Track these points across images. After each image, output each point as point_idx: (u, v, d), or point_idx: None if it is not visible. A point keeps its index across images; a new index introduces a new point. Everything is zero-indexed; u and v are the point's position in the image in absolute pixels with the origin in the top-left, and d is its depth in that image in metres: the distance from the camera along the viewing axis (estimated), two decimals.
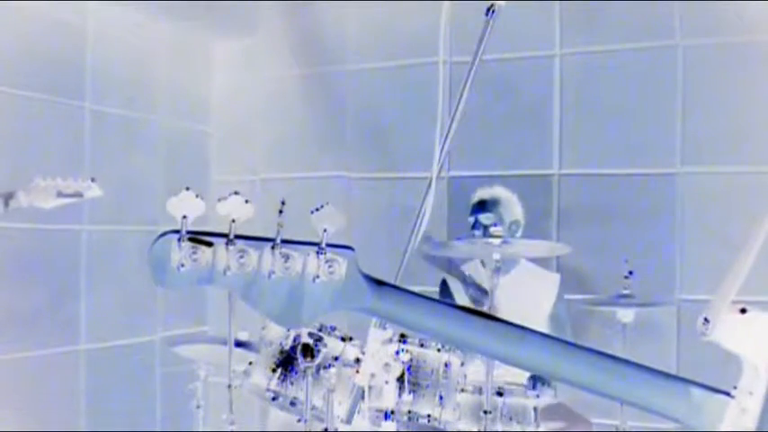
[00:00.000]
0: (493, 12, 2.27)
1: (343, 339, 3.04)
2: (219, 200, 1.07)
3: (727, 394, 1.13)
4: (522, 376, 3.66)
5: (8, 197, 3.19)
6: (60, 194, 3.21)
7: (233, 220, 1.06)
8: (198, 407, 3.79)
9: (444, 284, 4.08)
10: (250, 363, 3.20)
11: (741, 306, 1.12)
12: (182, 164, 4.95)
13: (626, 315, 3.57)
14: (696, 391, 1.13)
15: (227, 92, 5.37)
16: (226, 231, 1.06)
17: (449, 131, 2.24)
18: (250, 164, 5.17)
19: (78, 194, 3.25)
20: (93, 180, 3.29)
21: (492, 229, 3.35)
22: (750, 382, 1.12)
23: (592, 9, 4.37)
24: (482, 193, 3.99)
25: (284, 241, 1.06)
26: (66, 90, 4.36)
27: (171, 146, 4.94)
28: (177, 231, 1.04)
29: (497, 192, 3.98)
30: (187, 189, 1.06)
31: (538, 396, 3.22)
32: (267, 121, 5.23)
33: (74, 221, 4.34)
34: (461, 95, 2.24)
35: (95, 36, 4.49)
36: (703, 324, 1.12)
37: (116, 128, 4.61)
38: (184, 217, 1.04)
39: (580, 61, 4.51)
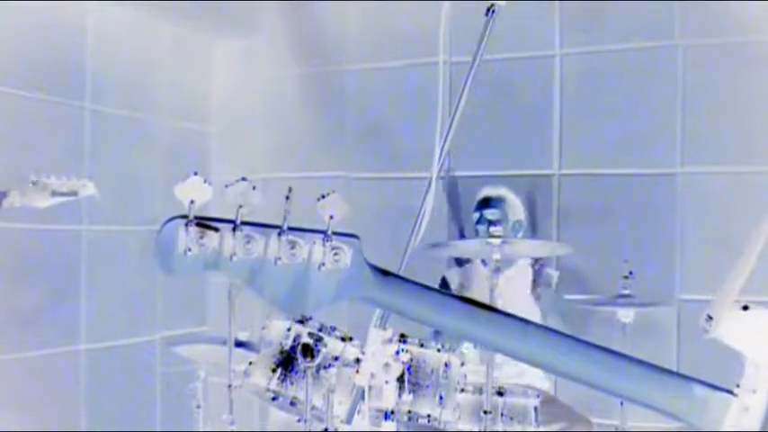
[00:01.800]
0: (493, 12, 2.28)
1: (343, 339, 3.04)
2: (227, 186, 1.08)
3: (730, 392, 1.13)
4: (523, 377, 3.67)
5: (1, 197, 3.17)
6: (55, 194, 3.18)
7: (240, 206, 1.06)
8: (198, 407, 3.79)
9: (443, 281, 4.09)
10: (250, 363, 3.20)
11: (743, 303, 1.11)
12: (182, 164, 4.94)
13: (626, 315, 3.57)
14: (698, 389, 1.13)
15: (228, 92, 5.37)
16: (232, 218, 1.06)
17: (449, 131, 2.24)
18: (250, 164, 5.17)
19: (73, 193, 3.22)
20: (88, 179, 3.28)
21: (492, 229, 3.35)
22: (752, 379, 1.12)
23: (592, 9, 4.37)
24: (488, 191, 4.03)
25: (291, 228, 1.06)
26: (67, 90, 4.36)
27: (171, 146, 4.94)
28: (185, 217, 1.04)
29: (503, 191, 4.03)
30: (195, 174, 1.06)
31: (539, 396, 3.22)
32: (267, 121, 5.23)
33: (74, 221, 4.34)
34: (461, 95, 2.25)
35: (95, 36, 4.49)
36: (706, 321, 1.11)
37: (116, 128, 4.61)
38: (192, 202, 1.04)
39: (580, 61, 4.51)
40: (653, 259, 4.18)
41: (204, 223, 1.04)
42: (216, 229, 1.04)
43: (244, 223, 1.05)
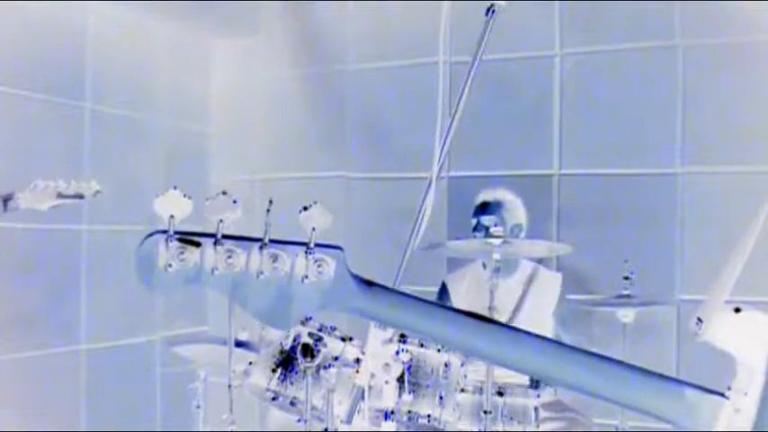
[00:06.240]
0: (493, 12, 2.28)
1: (343, 339, 3.03)
2: (208, 199, 1.06)
3: (722, 395, 1.13)
4: (523, 377, 3.66)
5: (7, 198, 3.18)
6: (61, 195, 3.20)
7: (221, 220, 1.05)
8: (198, 407, 3.79)
9: (443, 286, 4.07)
10: (250, 363, 3.20)
11: (735, 305, 1.11)
12: (181, 164, 4.94)
13: (626, 315, 3.57)
14: (690, 392, 1.13)
15: (227, 92, 5.37)
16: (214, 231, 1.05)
17: (449, 131, 2.24)
18: (249, 164, 5.17)
19: (79, 196, 3.24)
20: (92, 182, 3.29)
21: (492, 230, 3.33)
22: (744, 382, 1.12)
23: (592, 9, 4.37)
24: (485, 195, 3.89)
25: (273, 241, 1.05)
26: (67, 90, 4.36)
27: (170, 146, 4.94)
28: (164, 231, 1.03)
29: (501, 194, 3.88)
30: (174, 188, 1.04)
31: (539, 396, 3.21)
32: (267, 121, 5.23)
33: (74, 221, 4.34)
34: (461, 95, 2.25)
35: (95, 36, 4.49)
36: (696, 324, 1.11)
37: (116, 128, 4.62)
38: (172, 216, 1.03)
39: (580, 61, 4.51)
40: (653, 259, 4.18)
41: (185, 238, 1.03)
42: (197, 244, 1.03)
43: (225, 237, 1.04)
